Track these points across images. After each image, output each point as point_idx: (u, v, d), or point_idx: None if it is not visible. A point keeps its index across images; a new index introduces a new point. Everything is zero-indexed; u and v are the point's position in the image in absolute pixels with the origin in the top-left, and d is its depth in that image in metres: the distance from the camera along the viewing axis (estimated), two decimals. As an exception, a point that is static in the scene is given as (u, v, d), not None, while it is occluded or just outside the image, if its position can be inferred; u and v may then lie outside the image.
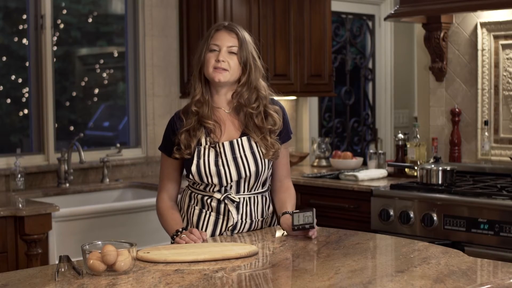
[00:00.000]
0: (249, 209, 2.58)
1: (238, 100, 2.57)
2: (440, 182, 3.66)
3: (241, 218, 2.56)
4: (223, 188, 2.55)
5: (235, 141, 2.55)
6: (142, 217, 3.75)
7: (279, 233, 2.53)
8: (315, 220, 2.36)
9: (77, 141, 4.02)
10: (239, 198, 2.56)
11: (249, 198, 2.58)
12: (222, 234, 2.57)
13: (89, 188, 4.11)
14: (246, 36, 2.58)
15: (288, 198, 2.65)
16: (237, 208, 2.56)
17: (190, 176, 2.56)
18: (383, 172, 4.19)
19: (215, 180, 2.53)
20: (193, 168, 2.53)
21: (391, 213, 3.65)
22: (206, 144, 2.54)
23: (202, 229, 2.58)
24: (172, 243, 2.50)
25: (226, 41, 2.54)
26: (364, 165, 4.70)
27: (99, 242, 2.02)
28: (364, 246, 2.34)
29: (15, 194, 3.75)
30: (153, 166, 4.51)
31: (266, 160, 2.57)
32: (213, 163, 2.52)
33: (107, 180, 4.22)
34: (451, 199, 3.46)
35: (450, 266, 2.02)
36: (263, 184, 2.62)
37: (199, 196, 2.60)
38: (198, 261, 2.08)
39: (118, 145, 4.44)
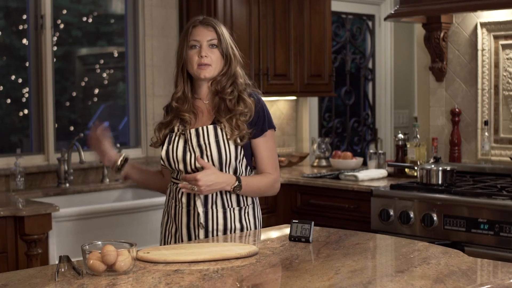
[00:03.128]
0: (219, 197, 2.59)
1: (215, 87, 2.64)
2: (440, 182, 3.66)
3: (211, 207, 2.58)
4: None
5: (200, 128, 2.60)
6: (142, 217, 3.75)
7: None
8: (311, 234, 2.36)
9: (77, 141, 4.01)
10: None
11: None
12: (196, 227, 2.58)
13: (89, 188, 4.10)
14: (223, 28, 2.66)
15: (257, 176, 2.66)
16: (206, 197, 2.58)
17: (161, 162, 2.65)
18: (383, 172, 4.19)
19: (181, 166, 2.59)
20: (163, 153, 2.63)
21: (391, 213, 3.66)
22: (177, 131, 2.62)
23: (178, 221, 2.62)
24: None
25: (205, 36, 2.60)
26: (364, 165, 4.71)
27: (99, 242, 2.02)
28: (364, 246, 2.34)
29: (15, 194, 3.75)
30: (153, 166, 4.51)
31: (232, 148, 2.58)
32: (181, 149, 2.59)
33: (107, 180, 4.22)
34: (451, 199, 3.46)
35: (450, 266, 2.02)
36: (234, 174, 2.61)
37: (174, 187, 2.65)
38: (198, 261, 2.08)
39: (118, 145, 4.44)
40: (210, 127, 2.60)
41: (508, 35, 3.98)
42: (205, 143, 2.57)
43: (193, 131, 2.60)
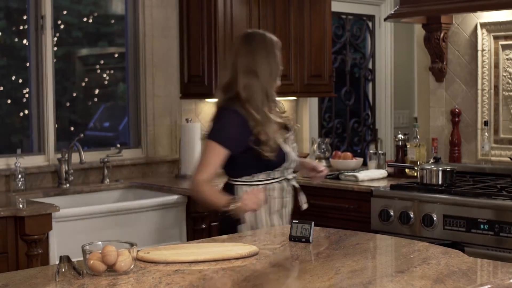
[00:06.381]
0: None
1: None
2: (440, 182, 3.66)
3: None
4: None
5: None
6: (143, 217, 3.76)
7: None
8: (312, 234, 2.37)
9: (77, 141, 4.01)
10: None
11: None
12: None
13: (90, 188, 4.10)
14: None
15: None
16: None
17: (285, 163, 2.92)
18: (383, 173, 4.19)
19: (293, 165, 3.00)
20: (291, 155, 2.95)
21: (391, 213, 3.66)
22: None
23: (272, 210, 2.89)
24: (225, 210, 2.78)
25: None
26: (364, 165, 4.70)
27: (100, 243, 2.02)
28: (364, 247, 2.34)
29: (16, 195, 3.75)
30: (153, 167, 4.51)
31: None
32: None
33: (107, 180, 4.22)
34: (451, 199, 3.46)
35: (450, 266, 2.03)
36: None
37: (271, 186, 2.91)
38: (198, 261, 2.08)
39: (118, 145, 4.43)
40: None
41: (508, 35, 3.98)
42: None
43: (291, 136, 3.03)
